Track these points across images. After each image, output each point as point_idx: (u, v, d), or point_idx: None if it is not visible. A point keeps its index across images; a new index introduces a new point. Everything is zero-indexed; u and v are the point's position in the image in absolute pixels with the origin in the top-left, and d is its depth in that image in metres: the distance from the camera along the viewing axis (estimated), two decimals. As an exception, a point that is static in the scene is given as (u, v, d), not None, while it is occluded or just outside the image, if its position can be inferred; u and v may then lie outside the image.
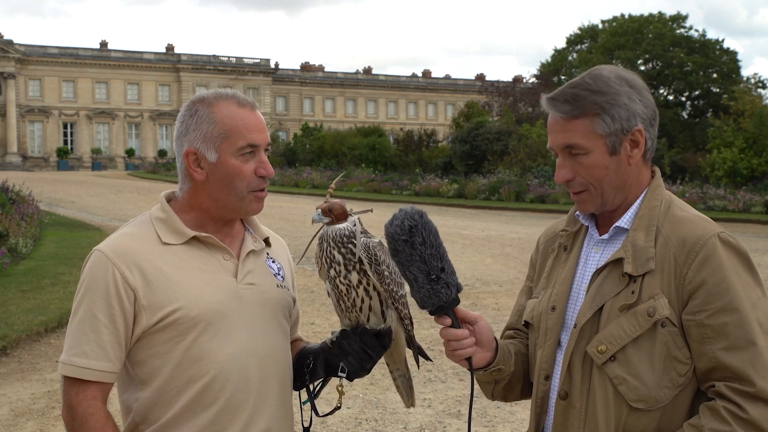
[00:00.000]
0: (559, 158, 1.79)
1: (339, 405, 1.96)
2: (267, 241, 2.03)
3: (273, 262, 2.02)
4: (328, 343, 1.91)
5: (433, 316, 1.78)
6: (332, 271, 1.79)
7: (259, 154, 1.87)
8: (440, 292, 1.70)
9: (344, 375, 1.86)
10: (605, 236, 1.82)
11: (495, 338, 1.86)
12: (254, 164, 1.86)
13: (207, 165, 1.86)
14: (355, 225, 1.82)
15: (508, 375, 1.89)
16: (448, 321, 1.76)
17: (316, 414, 1.98)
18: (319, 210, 1.82)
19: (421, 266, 1.69)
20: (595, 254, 1.83)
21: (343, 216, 1.82)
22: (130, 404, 1.85)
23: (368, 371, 1.88)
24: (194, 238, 1.87)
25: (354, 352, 1.84)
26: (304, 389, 1.99)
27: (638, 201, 1.80)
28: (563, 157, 1.78)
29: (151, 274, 1.81)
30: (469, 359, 1.79)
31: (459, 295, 1.75)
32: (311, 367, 1.93)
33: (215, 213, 1.90)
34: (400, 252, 1.71)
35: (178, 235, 1.87)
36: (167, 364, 1.81)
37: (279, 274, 2.01)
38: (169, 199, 1.95)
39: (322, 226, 1.85)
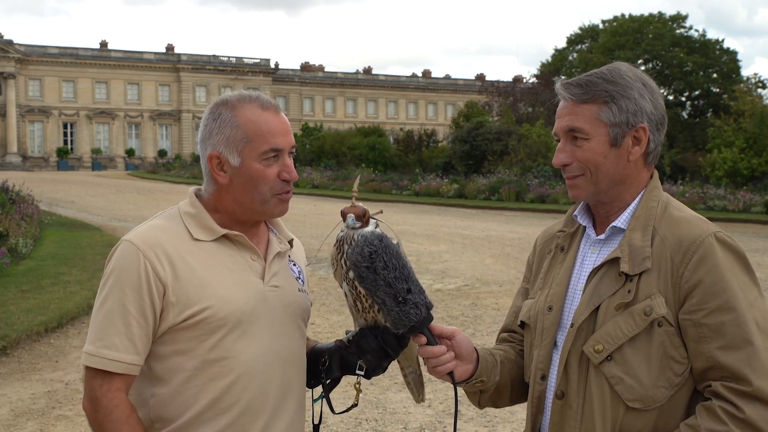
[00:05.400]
0: (561, 142, 1.81)
1: (356, 403, 1.98)
2: (290, 243, 2.03)
3: (294, 265, 2.02)
4: (344, 342, 1.92)
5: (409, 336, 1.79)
6: (351, 273, 1.80)
7: (282, 157, 1.86)
8: (410, 313, 1.71)
9: (362, 373, 1.87)
10: (602, 236, 1.83)
11: (476, 349, 1.87)
12: (278, 168, 1.85)
13: (230, 169, 1.85)
14: (377, 226, 1.84)
15: (492, 385, 1.90)
16: (424, 339, 1.77)
17: (332, 411, 1.98)
18: (353, 215, 1.83)
19: (387, 290, 1.70)
20: (591, 254, 1.84)
21: (367, 220, 1.85)
22: (146, 399, 1.83)
23: (385, 369, 1.90)
24: (224, 236, 1.87)
25: (372, 350, 1.86)
26: (315, 387, 2.00)
27: (635, 201, 1.81)
28: (564, 141, 1.80)
29: (181, 270, 1.79)
30: (451, 374, 1.80)
31: (433, 312, 1.76)
32: (326, 365, 1.94)
33: (240, 215, 1.89)
34: (364, 278, 1.72)
35: (208, 231, 1.86)
36: (190, 361, 1.79)
37: (300, 278, 2.01)
38: (197, 195, 1.94)
39: (335, 228, 1.88)
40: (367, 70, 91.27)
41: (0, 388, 6.24)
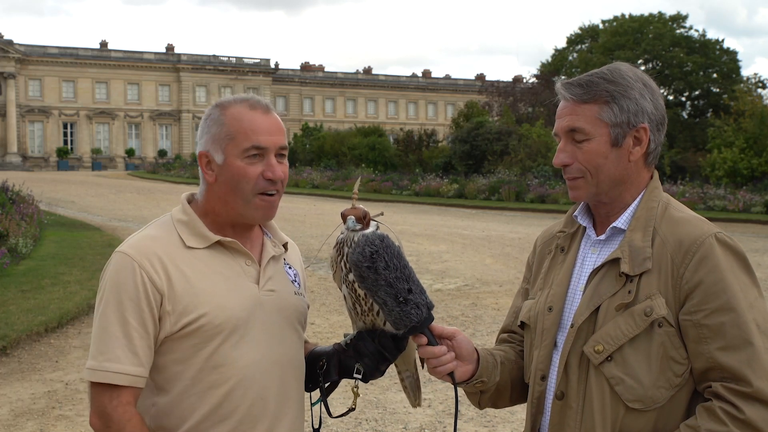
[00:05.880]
0: (561, 142, 1.81)
1: (353, 406, 1.98)
2: (285, 247, 2.01)
3: (290, 268, 2.01)
4: (342, 345, 1.91)
5: (409, 336, 1.78)
6: (351, 275, 1.79)
7: (267, 157, 1.84)
8: (410, 314, 1.71)
9: (360, 376, 1.87)
10: (602, 237, 1.83)
11: (476, 350, 1.87)
12: (261, 167, 1.83)
13: (216, 167, 1.84)
14: (377, 229, 1.84)
15: (493, 385, 1.89)
16: (424, 340, 1.76)
17: (330, 415, 1.97)
18: (353, 217, 1.82)
19: (388, 290, 1.70)
20: (592, 255, 1.84)
21: (367, 222, 1.84)
22: (147, 408, 1.82)
23: (382, 373, 1.89)
24: (218, 242, 1.85)
25: (370, 353, 1.85)
26: (314, 390, 1.98)
27: (636, 202, 1.81)
28: (565, 141, 1.80)
29: (176, 279, 1.78)
30: (451, 374, 1.80)
31: (433, 312, 1.76)
32: (324, 369, 1.93)
33: (226, 217, 1.87)
34: (365, 278, 1.71)
35: (201, 239, 1.85)
36: (188, 370, 1.79)
37: (296, 281, 2.00)
38: (189, 201, 1.93)
39: (335, 229, 1.87)
40: (367, 70, 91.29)
41: (0, 388, 6.24)
